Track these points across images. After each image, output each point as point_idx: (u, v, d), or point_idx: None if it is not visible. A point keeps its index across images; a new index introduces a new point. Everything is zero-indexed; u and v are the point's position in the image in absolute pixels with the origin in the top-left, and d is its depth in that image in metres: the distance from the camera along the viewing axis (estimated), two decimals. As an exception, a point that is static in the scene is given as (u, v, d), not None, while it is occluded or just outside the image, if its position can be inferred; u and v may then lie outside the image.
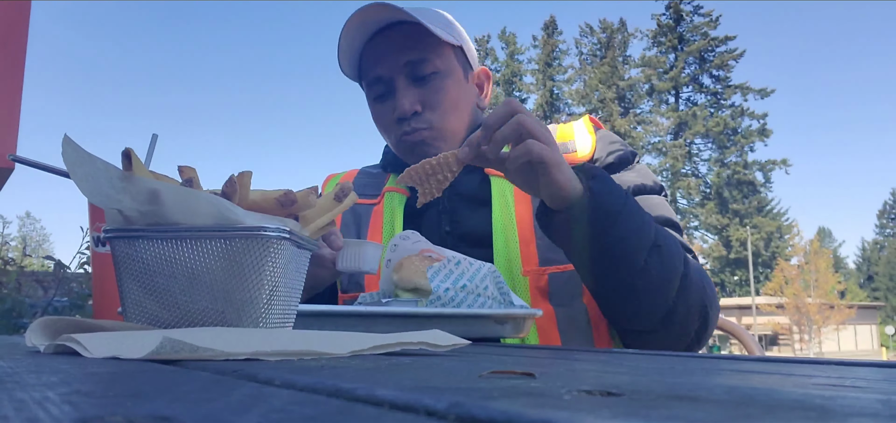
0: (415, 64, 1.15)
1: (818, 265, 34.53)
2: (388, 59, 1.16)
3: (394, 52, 1.15)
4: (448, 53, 1.18)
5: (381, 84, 1.18)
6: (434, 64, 1.16)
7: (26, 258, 4.10)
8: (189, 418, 0.20)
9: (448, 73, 1.17)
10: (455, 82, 1.18)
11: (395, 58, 1.15)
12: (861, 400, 0.24)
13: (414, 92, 1.15)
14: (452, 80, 1.18)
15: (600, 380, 0.31)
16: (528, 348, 0.72)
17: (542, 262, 1.06)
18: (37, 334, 0.51)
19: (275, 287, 0.58)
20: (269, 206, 0.61)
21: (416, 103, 1.15)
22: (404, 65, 1.15)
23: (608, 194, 0.91)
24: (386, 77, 1.16)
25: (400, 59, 1.15)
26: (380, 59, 1.16)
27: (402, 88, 1.15)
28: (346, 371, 0.34)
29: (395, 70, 1.15)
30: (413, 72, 1.15)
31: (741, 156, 40.25)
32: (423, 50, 1.15)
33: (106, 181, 0.56)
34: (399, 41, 1.15)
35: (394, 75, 1.16)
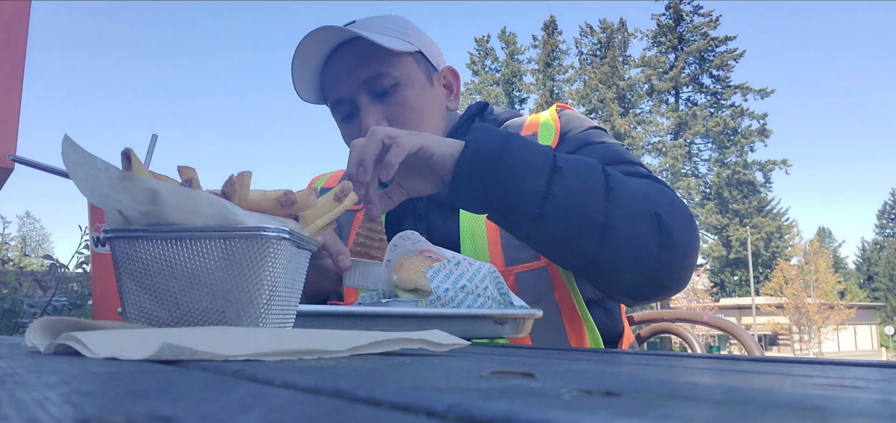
0: (373, 80, 1.13)
1: (818, 265, 34.53)
2: (346, 80, 1.14)
3: (350, 72, 1.14)
4: (407, 61, 1.16)
5: (344, 105, 1.16)
6: (393, 76, 1.13)
7: (25, 258, 4.09)
8: (189, 418, 0.20)
9: (409, 82, 1.15)
10: (418, 90, 1.16)
11: (352, 77, 1.13)
12: (860, 400, 0.24)
13: (378, 108, 1.13)
14: (414, 88, 1.16)
15: (600, 380, 0.31)
16: (528, 349, 0.72)
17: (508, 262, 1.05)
18: (37, 334, 0.51)
19: (274, 287, 0.58)
20: (268, 206, 0.61)
21: (382, 120, 1.13)
22: (363, 82, 1.13)
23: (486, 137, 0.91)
24: (347, 98, 1.15)
25: (357, 77, 1.13)
26: (337, 80, 1.15)
27: (365, 106, 1.13)
28: (346, 372, 0.34)
29: (354, 89, 1.14)
30: (372, 88, 1.13)
31: (741, 156, 40.25)
32: (380, 63, 1.13)
33: (106, 181, 0.56)
34: (353, 59, 1.13)
35: (354, 95, 1.14)
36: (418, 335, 0.50)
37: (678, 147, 39.28)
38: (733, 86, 40.11)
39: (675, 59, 40.90)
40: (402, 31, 1.17)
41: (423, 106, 1.16)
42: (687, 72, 40.83)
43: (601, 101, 40.52)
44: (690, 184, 39.65)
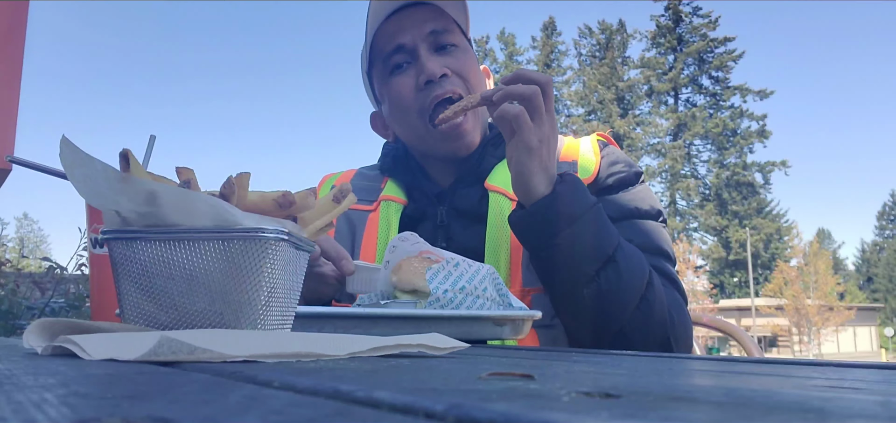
0: (439, 32, 1.14)
1: (817, 267, 34.56)
2: (412, 29, 1.14)
3: (417, 24, 1.14)
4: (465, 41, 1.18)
5: (402, 53, 1.14)
6: (456, 37, 1.16)
7: (23, 260, 4.09)
8: (187, 419, 0.20)
9: (468, 51, 1.17)
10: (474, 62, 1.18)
11: (418, 27, 1.14)
12: (860, 402, 0.24)
13: (439, 58, 1.13)
14: (472, 58, 1.18)
15: (599, 382, 0.31)
16: (528, 350, 0.72)
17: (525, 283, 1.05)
18: (35, 336, 0.51)
19: (273, 289, 0.58)
20: (267, 207, 0.61)
21: (444, 67, 1.12)
22: (429, 33, 1.14)
23: (571, 198, 0.93)
24: (409, 46, 1.14)
25: (424, 28, 1.13)
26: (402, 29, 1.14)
27: (425, 54, 1.13)
28: (345, 373, 0.34)
29: (418, 38, 1.13)
30: (437, 40, 1.14)
31: (740, 157, 40.30)
32: (447, 23, 1.15)
33: (104, 182, 0.56)
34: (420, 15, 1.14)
35: (417, 43, 1.13)
36: (417, 340, 0.50)
37: (677, 148, 39.32)
38: (732, 87, 40.17)
39: (675, 60, 40.94)
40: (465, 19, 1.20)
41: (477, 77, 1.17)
42: (686, 73, 40.89)
43: (600, 102, 40.56)
44: (689, 185, 39.69)
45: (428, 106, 1.11)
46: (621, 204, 1.10)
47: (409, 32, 1.13)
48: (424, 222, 1.15)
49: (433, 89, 1.11)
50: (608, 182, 1.12)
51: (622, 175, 1.13)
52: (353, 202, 0.70)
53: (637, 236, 1.06)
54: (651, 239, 1.08)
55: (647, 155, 40.40)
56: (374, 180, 1.25)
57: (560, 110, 41.90)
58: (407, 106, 1.14)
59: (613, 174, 1.12)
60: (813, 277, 34.42)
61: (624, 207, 1.10)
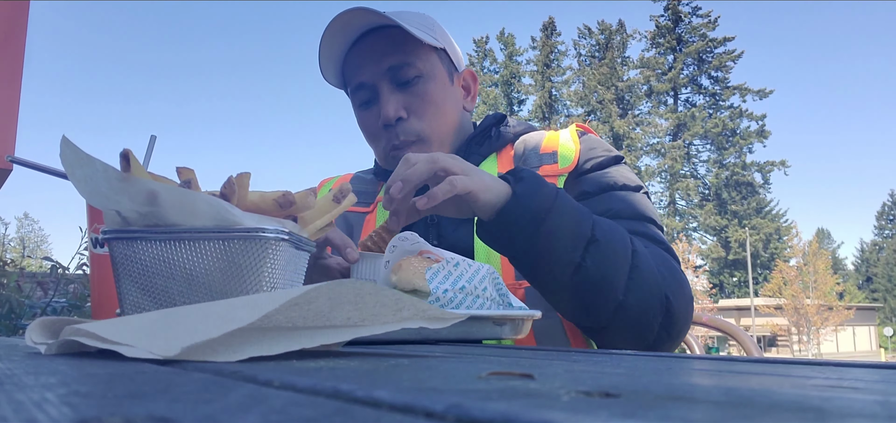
0: (397, 68, 1.14)
1: (817, 267, 34.55)
2: (371, 66, 1.15)
3: (376, 58, 1.14)
4: (431, 57, 1.17)
5: (364, 90, 1.17)
6: (417, 68, 1.15)
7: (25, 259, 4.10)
8: (188, 418, 0.20)
9: (431, 76, 1.16)
10: (439, 85, 1.17)
11: (377, 63, 1.14)
12: (859, 402, 0.24)
13: (398, 97, 1.14)
14: (436, 83, 1.17)
15: (598, 381, 0.31)
16: (528, 350, 0.72)
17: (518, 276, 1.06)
18: (36, 334, 0.51)
19: (273, 288, 0.58)
20: (267, 207, 0.61)
21: (401, 109, 1.14)
22: (387, 70, 1.14)
23: (534, 195, 0.91)
24: (369, 83, 1.15)
25: (382, 64, 1.14)
26: (362, 65, 1.15)
27: (386, 93, 1.14)
28: (345, 372, 0.34)
29: (377, 76, 1.14)
30: (396, 77, 1.14)
31: (740, 157, 40.31)
32: (406, 54, 1.14)
33: (104, 182, 0.56)
34: (381, 46, 1.14)
35: (377, 81, 1.15)
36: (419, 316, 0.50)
37: (677, 148, 39.32)
38: (732, 87, 40.18)
39: (674, 60, 40.95)
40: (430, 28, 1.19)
41: (441, 101, 1.17)
42: (685, 73, 40.89)
43: (600, 102, 40.56)
44: (689, 185, 39.69)
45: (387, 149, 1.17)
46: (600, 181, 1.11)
47: (368, 69, 1.15)
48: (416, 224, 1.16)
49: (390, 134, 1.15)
50: (586, 166, 1.13)
51: (601, 159, 1.14)
52: (353, 202, 0.70)
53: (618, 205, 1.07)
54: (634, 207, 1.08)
55: (646, 155, 40.40)
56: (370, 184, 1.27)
57: (560, 111, 41.91)
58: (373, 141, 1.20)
59: (592, 158, 1.14)
60: (812, 276, 34.41)
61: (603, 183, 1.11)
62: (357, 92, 1.18)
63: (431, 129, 1.15)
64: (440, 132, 1.17)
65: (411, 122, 1.14)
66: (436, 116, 1.16)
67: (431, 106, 1.15)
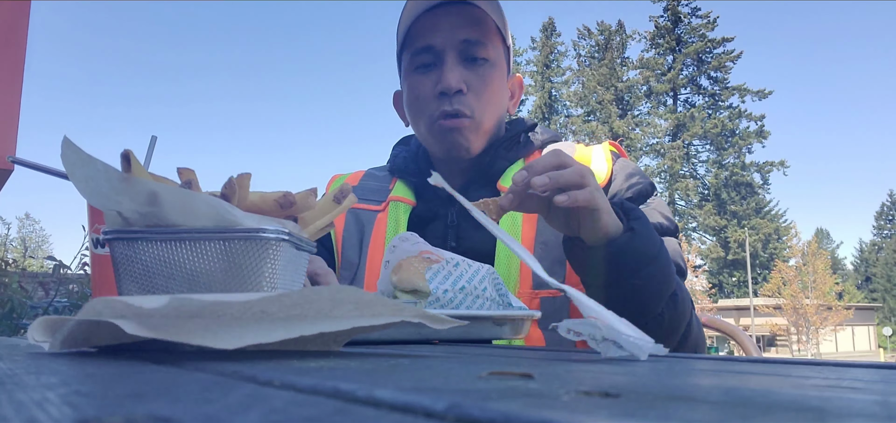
0: (471, 44, 1.13)
1: (816, 267, 34.54)
2: (445, 32, 1.13)
3: (452, 27, 1.13)
4: (499, 47, 1.18)
5: (428, 54, 1.15)
6: (487, 50, 1.15)
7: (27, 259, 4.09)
8: (189, 418, 0.20)
9: (496, 64, 1.17)
10: (499, 76, 1.18)
11: (452, 32, 1.13)
12: (858, 401, 0.24)
13: (461, 71, 1.13)
14: (498, 72, 1.17)
15: (598, 381, 0.31)
16: (528, 350, 0.72)
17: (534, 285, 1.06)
18: (38, 333, 0.51)
19: (273, 289, 0.58)
20: (268, 207, 0.61)
21: (462, 82, 1.12)
22: (461, 41, 1.13)
23: (647, 238, 0.90)
24: (437, 48, 1.14)
25: (457, 34, 1.13)
26: (436, 29, 1.14)
27: (451, 62, 1.13)
28: (345, 372, 0.34)
29: (449, 44, 1.13)
30: (466, 51, 1.14)
31: (739, 157, 40.31)
32: (482, 34, 1.14)
33: (105, 183, 0.56)
34: (459, 19, 1.14)
35: (446, 48, 1.13)
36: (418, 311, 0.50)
37: (676, 149, 39.32)
38: (731, 87, 40.18)
39: (673, 60, 40.95)
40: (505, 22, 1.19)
41: (497, 92, 1.17)
42: (685, 73, 40.90)
43: (599, 103, 40.56)
44: (688, 185, 39.69)
45: (437, 116, 1.13)
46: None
47: (441, 35, 1.14)
48: (435, 222, 1.15)
49: (444, 102, 1.12)
50: (628, 195, 1.12)
51: (640, 187, 1.14)
52: (354, 202, 0.70)
53: None
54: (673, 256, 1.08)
55: (646, 155, 40.39)
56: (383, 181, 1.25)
57: (559, 111, 41.88)
58: (421, 106, 1.16)
59: (632, 186, 1.13)
60: (811, 276, 34.41)
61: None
62: (419, 54, 1.16)
63: (484, 113, 1.15)
64: (488, 120, 1.16)
65: (469, 97, 1.13)
66: (490, 103, 1.15)
67: (489, 92, 1.15)
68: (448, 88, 1.11)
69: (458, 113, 1.12)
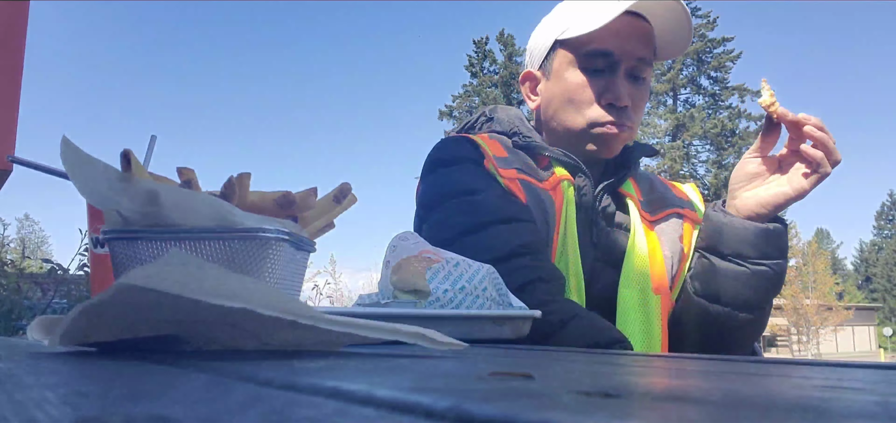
0: (643, 62, 1.16)
1: (816, 267, 34.55)
2: (626, 44, 1.14)
3: (632, 42, 1.14)
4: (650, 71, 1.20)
5: (604, 59, 1.15)
6: (648, 71, 1.18)
7: (25, 260, 4.09)
8: (188, 419, 0.20)
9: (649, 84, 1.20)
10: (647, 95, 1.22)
11: (633, 47, 1.14)
12: (858, 402, 0.24)
13: (630, 87, 1.16)
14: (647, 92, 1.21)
15: (598, 382, 0.31)
16: (528, 350, 0.72)
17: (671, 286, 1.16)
18: (38, 332, 0.51)
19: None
20: (267, 207, 0.61)
21: (629, 99, 1.15)
22: (636, 59, 1.15)
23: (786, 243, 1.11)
24: (615, 57, 1.14)
25: (636, 51, 1.15)
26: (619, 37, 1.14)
27: (623, 77, 1.15)
28: (345, 372, 0.34)
29: (626, 57, 1.15)
30: (636, 70, 1.16)
31: (739, 157, 40.17)
32: (650, 53, 1.17)
33: (105, 183, 0.56)
34: (641, 34, 1.15)
35: (622, 62, 1.15)
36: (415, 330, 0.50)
37: (676, 149, 39.32)
38: (731, 87, 40.17)
39: (673, 60, 40.92)
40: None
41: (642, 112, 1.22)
42: (685, 73, 40.89)
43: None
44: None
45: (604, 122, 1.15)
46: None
47: (622, 46, 1.14)
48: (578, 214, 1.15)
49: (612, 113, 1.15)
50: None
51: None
52: (354, 202, 0.70)
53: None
54: None
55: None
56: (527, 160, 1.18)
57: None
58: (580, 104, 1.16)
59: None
60: (811, 277, 34.41)
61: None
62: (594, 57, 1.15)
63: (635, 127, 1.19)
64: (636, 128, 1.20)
65: (632, 113, 1.16)
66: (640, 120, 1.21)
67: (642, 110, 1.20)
68: (619, 101, 1.14)
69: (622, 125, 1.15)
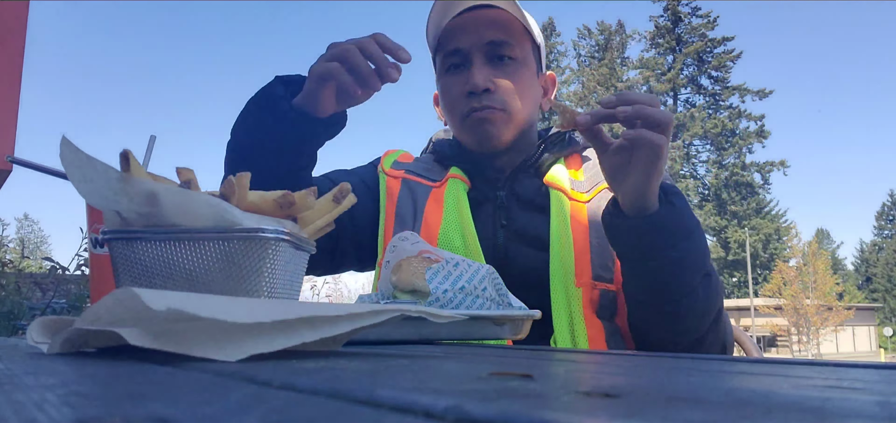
0: (496, 44, 1.17)
1: (816, 267, 34.56)
2: (472, 35, 1.17)
3: (479, 29, 1.17)
4: (527, 46, 1.21)
5: (457, 56, 1.19)
6: (514, 50, 1.18)
7: (25, 260, 4.09)
8: (188, 419, 0.20)
9: (524, 63, 1.20)
10: (528, 74, 1.21)
11: (478, 34, 1.17)
12: (858, 402, 0.24)
13: (489, 70, 1.17)
14: (526, 70, 1.21)
15: (598, 382, 0.31)
16: (528, 350, 0.72)
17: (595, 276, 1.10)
18: (37, 333, 0.51)
19: (273, 288, 0.58)
20: (267, 207, 0.61)
21: (490, 81, 1.16)
22: (487, 43, 1.17)
23: (686, 212, 0.97)
24: (465, 50, 1.18)
25: (483, 36, 1.17)
26: (464, 32, 1.18)
27: (478, 64, 1.17)
28: (345, 373, 0.34)
29: (475, 46, 1.17)
30: (493, 52, 1.17)
31: (739, 157, 40.30)
32: (508, 35, 1.18)
33: (104, 183, 0.56)
34: (485, 21, 1.17)
35: (473, 51, 1.17)
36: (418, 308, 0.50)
37: (676, 149, 39.32)
38: (731, 87, 40.17)
39: (673, 60, 40.95)
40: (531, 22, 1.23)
41: (526, 89, 1.20)
42: (685, 73, 40.90)
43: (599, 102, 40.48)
44: (689, 186, 39.69)
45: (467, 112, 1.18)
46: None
47: (467, 37, 1.18)
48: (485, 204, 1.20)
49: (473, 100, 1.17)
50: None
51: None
52: (353, 203, 0.70)
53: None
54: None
55: (646, 155, 40.33)
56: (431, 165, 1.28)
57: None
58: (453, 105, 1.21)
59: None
60: (812, 277, 34.42)
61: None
62: (449, 56, 1.20)
63: (514, 107, 1.18)
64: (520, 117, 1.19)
65: (498, 94, 1.17)
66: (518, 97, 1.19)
67: (518, 88, 1.19)
68: (475, 88, 1.15)
69: (486, 108, 1.16)
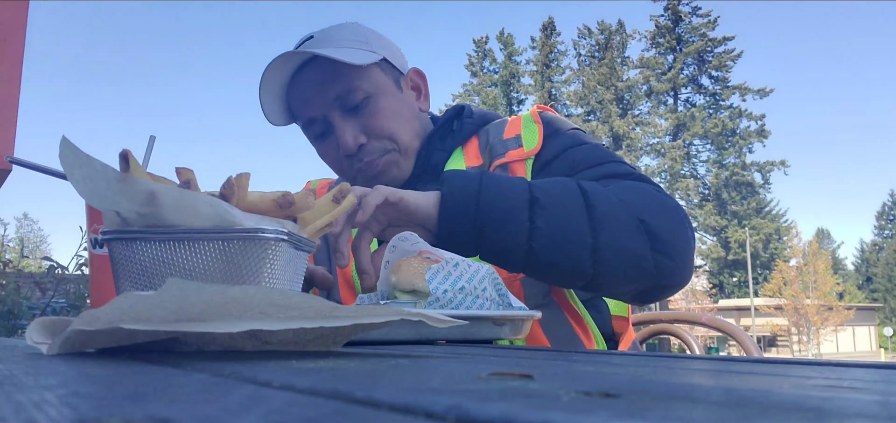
0: (344, 95, 1.11)
1: (817, 267, 34.57)
2: (317, 99, 1.12)
3: (320, 90, 1.12)
4: (373, 72, 1.14)
5: (316, 124, 1.15)
6: (363, 89, 1.12)
7: (24, 260, 4.10)
8: (187, 419, 0.20)
9: (379, 92, 1.14)
10: (390, 98, 1.15)
11: (322, 95, 1.12)
12: (859, 401, 0.24)
13: (353, 124, 1.12)
14: (386, 97, 1.15)
15: (598, 381, 0.31)
16: (527, 350, 0.72)
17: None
18: (37, 334, 0.51)
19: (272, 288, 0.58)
20: (267, 207, 0.61)
21: (360, 135, 1.12)
22: (334, 100, 1.11)
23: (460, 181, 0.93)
24: (319, 117, 1.13)
25: (328, 95, 1.11)
26: (308, 99, 1.13)
27: (339, 123, 1.12)
28: (345, 373, 0.34)
29: (326, 108, 1.12)
30: (345, 104, 1.12)
31: (740, 157, 40.28)
32: (347, 79, 1.11)
33: (104, 183, 0.56)
34: (320, 77, 1.12)
35: (327, 113, 1.12)
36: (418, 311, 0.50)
37: (676, 148, 39.32)
38: (732, 87, 40.16)
39: (674, 60, 40.94)
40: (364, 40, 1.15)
41: (396, 113, 1.15)
42: (685, 73, 40.89)
43: (599, 102, 40.56)
44: (689, 185, 39.68)
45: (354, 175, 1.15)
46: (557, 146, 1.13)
47: (315, 102, 1.12)
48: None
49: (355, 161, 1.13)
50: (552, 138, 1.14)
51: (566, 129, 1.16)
52: (353, 203, 0.70)
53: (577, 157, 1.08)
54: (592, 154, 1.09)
55: (646, 155, 40.40)
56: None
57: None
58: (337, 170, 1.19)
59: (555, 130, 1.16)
60: (812, 277, 34.43)
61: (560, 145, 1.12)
62: (310, 126, 1.16)
63: (394, 142, 1.14)
64: (403, 142, 1.15)
65: (372, 144, 1.13)
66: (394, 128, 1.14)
67: (387, 121, 1.13)
68: (349, 151, 1.12)
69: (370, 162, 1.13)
